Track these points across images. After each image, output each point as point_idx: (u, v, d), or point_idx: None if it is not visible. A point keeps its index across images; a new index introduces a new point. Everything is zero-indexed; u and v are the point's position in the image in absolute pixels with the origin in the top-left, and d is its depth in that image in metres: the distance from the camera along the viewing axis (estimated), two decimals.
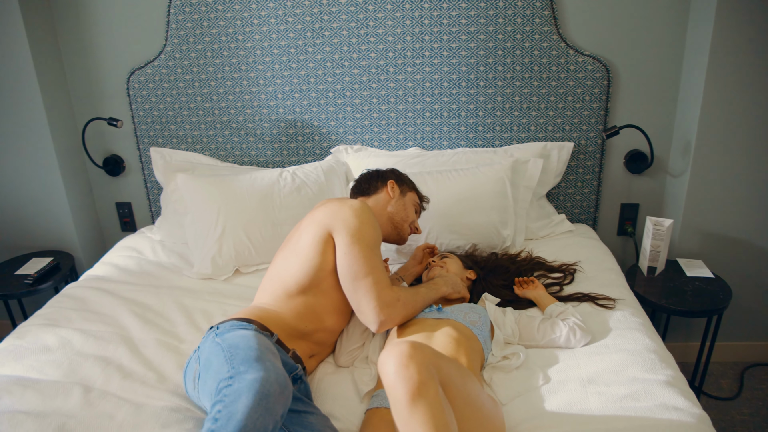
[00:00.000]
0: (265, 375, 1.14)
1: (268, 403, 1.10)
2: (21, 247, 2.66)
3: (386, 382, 1.16)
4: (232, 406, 1.08)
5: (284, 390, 1.14)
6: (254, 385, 1.11)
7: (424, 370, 1.15)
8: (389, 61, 2.34)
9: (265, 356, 1.22)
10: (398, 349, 1.18)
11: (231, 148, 2.57)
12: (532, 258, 2.13)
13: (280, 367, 1.21)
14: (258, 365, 1.17)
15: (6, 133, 2.45)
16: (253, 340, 1.29)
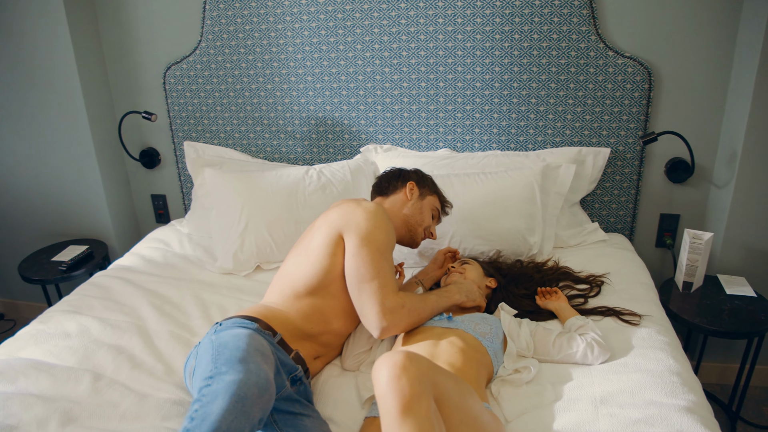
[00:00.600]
0: (244, 377, 1.12)
1: (244, 406, 1.08)
2: (60, 235, 2.77)
3: (377, 392, 1.12)
4: (208, 406, 1.07)
5: (263, 393, 1.13)
6: (231, 387, 1.10)
7: (417, 383, 1.11)
8: (420, 59, 2.29)
9: (250, 358, 1.21)
10: (393, 359, 1.14)
11: (262, 145, 2.59)
12: (558, 267, 2.04)
13: (266, 369, 1.19)
14: (240, 366, 1.16)
15: (48, 124, 2.55)
16: (244, 341, 1.28)
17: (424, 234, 1.86)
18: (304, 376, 1.49)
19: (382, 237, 1.59)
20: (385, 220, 1.63)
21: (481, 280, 1.86)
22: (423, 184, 1.89)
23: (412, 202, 1.83)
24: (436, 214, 1.89)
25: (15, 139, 2.62)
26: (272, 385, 1.17)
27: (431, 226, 1.87)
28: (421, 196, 1.85)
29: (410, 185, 1.85)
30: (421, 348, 1.50)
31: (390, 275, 1.56)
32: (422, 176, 1.92)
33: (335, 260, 1.59)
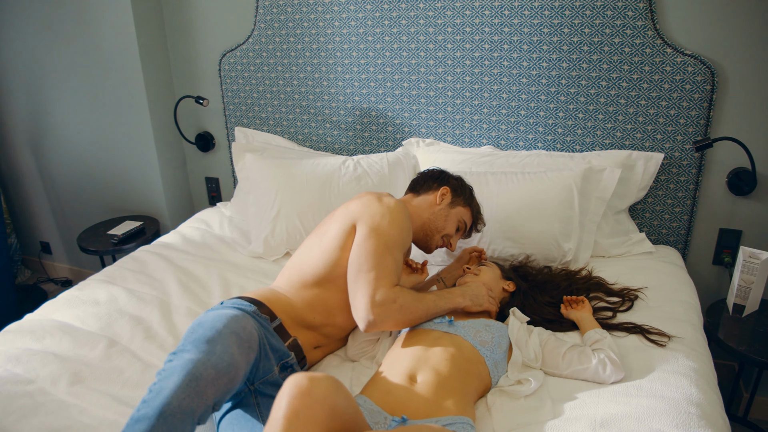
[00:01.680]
0: (203, 357, 1.13)
1: (198, 386, 1.09)
2: (119, 210, 2.94)
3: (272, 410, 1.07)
4: (164, 382, 1.09)
5: (222, 376, 1.13)
6: (188, 366, 1.11)
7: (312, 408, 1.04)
8: (466, 53, 2.22)
9: (221, 339, 1.21)
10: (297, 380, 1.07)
11: (308, 133, 2.62)
12: (590, 277, 1.92)
13: (234, 353, 1.19)
14: (204, 347, 1.17)
15: (113, 106, 2.71)
16: (222, 322, 1.29)
17: (441, 242, 1.79)
18: (297, 364, 1.49)
19: (393, 233, 1.55)
20: (401, 218, 1.59)
21: (496, 283, 1.76)
22: (458, 194, 1.81)
23: (439, 208, 1.77)
24: (463, 227, 1.81)
25: (87, 118, 2.81)
26: (236, 369, 1.17)
27: (453, 237, 1.80)
28: (452, 204, 1.78)
29: (443, 190, 1.78)
30: (411, 352, 1.45)
31: (391, 271, 1.51)
32: (461, 185, 1.84)
33: (345, 254, 1.58)
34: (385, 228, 1.55)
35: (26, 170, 3.07)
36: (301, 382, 1.04)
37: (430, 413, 1.28)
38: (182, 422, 1.05)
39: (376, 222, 1.56)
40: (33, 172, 3.06)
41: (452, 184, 1.83)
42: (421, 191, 1.82)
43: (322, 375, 1.08)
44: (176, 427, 1.05)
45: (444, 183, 1.83)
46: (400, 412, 1.29)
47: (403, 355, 1.46)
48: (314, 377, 1.06)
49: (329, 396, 1.06)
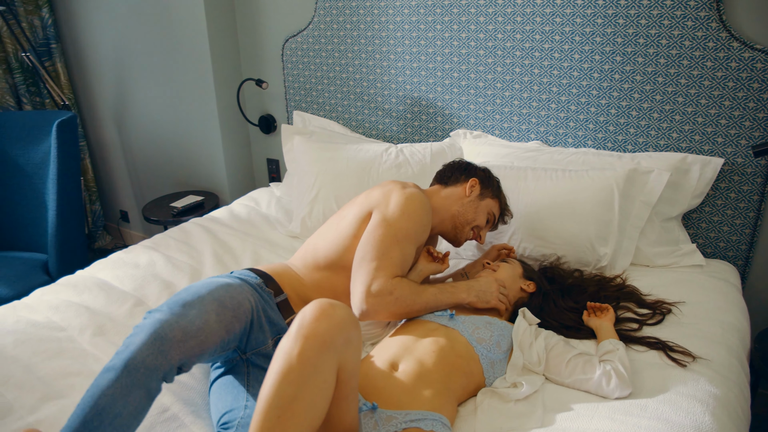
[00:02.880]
0: (171, 319, 1.18)
1: (163, 346, 1.14)
2: (185, 184, 3.13)
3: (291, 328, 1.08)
4: (133, 338, 1.15)
5: (189, 339, 1.17)
6: (155, 325, 1.16)
7: (341, 330, 1.07)
8: (516, 43, 2.14)
9: (200, 304, 1.25)
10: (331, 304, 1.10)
11: (361, 120, 2.64)
12: (623, 285, 1.79)
13: (210, 320, 1.23)
14: (178, 309, 1.21)
15: (184, 85, 2.88)
16: (209, 288, 1.33)
17: (471, 234, 1.75)
18: None
19: (405, 225, 1.53)
20: (419, 211, 1.57)
21: (514, 281, 1.69)
22: (487, 185, 1.77)
23: (468, 200, 1.73)
24: (492, 219, 1.77)
25: (162, 96, 3.00)
26: (207, 335, 1.20)
27: (483, 229, 1.76)
28: (481, 196, 1.74)
29: (473, 182, 1.74)
30: (400, 341, 1.43)
31: (394, 263, 1.49)
32: (488, 176, 1.80)
33: (357, 242, 1.58)
34: (397, 219, 1.54)
35: (111, 143, 3.35)
36: (323, 305, 1.08)
37: (403, 404, 1.26)
38: (145, 377, 1.11)
39: (390, 212, 1.55)
40: (116, 144, 3.33)
41: (480, 176, 1.78)
42: (449, 183, 1.79)
43: (342, 305, 1.11)
44: (140, 381, 1.10)
45: (471, 174, 1.78)
46: (373, 398, 1.28)
47: (392, 343, 1.45)
48: (335, 304, 1.10)
49: (348, 325, 1.09)
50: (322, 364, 1.02)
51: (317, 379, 1.01)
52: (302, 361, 1.01)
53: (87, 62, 3.20)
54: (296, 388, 0.99)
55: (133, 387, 1.09)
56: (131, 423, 1.10)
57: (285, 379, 1.00)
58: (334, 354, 1.04)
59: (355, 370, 1.13)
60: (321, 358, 1.02)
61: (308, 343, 1.02)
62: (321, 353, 1.02)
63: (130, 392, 1.09)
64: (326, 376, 1.02)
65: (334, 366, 1.04)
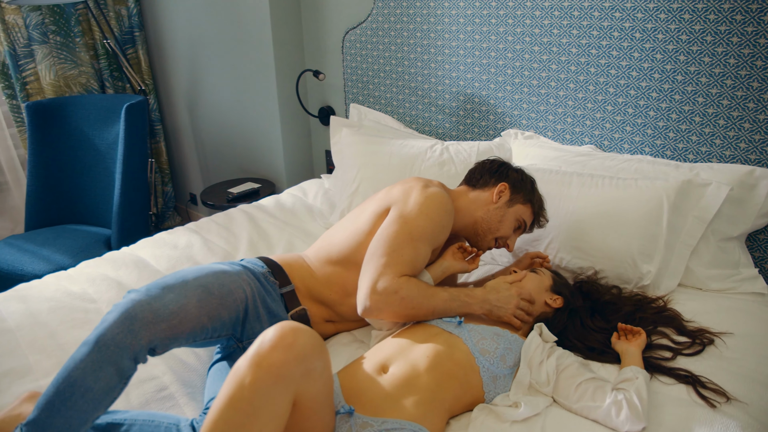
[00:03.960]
0: (143, 299, 1.19)
1: (132, 325, 1.15)
2: (246, 171, 3.21)
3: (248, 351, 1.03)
4: (109, 315, 1.18)
5: (159, 321, 1.17)
6: (128, 305, 1.18)
7: (293, 362, 0.99)
8: (572, 39, 2.00)
9: (181, 288, 1.26)
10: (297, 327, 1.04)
11: (415, 115, 2.58)
12: (664, 308, 1.62)
13: (189, 304, 1.23)
14: (155, 291, 1.22)
15: (248, 75, 2.95)
16: (197, 273, 1.34)
17: (495, 243, 1.64)
18: None
19: (423, 224, 1.47)
20: (438, 211, 1.50)
21: (539, 294, 1.57)
22: (518, 190, 1.65)
23: (495, 207, 1.62)
24: (522, 226, 1.65)
25: (228, 84, 3.10)
26: (182, 320, 1.21)
27: (510, 238, 1.64)
28: (510, 203, 1.63)
29: (501, 187, 1.63)
30: (397, 342, 1.38)
31: (405, 261, 1.42)
32: (521, 179, 1.67)
33: (371, 239, 1.54)
34: (414, 217, 1.47)
35: (183, 127, 3.51)
36: (285, 331, 1.00)
37: (381, 411, 1.20)
38: (116, 354, 1.13)
39: (408, 209, 1.49)
40: (188, 129, 3.48)
41: (512, 179, 1.67)
42: (477, 185, 1.69)
43: (308, 330, 1.04)
44: (110, 358, 1.13)
45: (502, 178, 1.67)
46: (354, 401, 1.23)
47: (388, 344, 1.39)
48: (299, 330, 1.02)
49: (310, 356, 1.01)
50: (275, 396, 0.96)
51: (268, 411, 0.96)
52: (254, 391, 0.95)
53: (165, 50, 3.37)
54: (244, 417, 0.95)
55: (103, 363, 1.12)
56: (103, 398, 1.13)
57: (234, 406, 0.95)
58: (290, 386, 0.98)
59: (324, 399, 1.07)
60: (274, 390, 0.96)
61: (261, 373, 0.96)
62: (275, 384, 0.96)
63: (101, 368, 1.12)
64: (278, 408, 0.97)
65: (288, 398, 0.98)
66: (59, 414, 1.11)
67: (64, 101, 2.84)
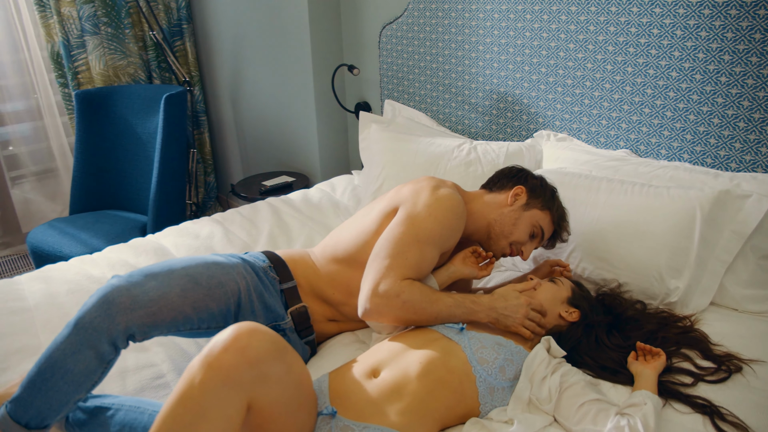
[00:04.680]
0: (123, 285, 1.19)
1: (110, 309, 1.15)
2: (282, 164, 3.23)
3: (215, 337, 1.01)
4: (90, 299, 1.18)
5: (137, 308, 1.17)
6: (106, 290, 1.18)
7: (246, 370, 0.96)
8: (609, 37, 1.88)
9: (165, 277, 1.25)
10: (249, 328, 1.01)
11: (448, 114, 2.51)
12: (690, 329, 1.50)
13: (172, 294, 1.23)
14: (137, 278, 1.22)
15: (285, 69, 2.96)
16: (187, 264, 1.33)
17: (510, 249, 1.56)
18: (293, 330, 1.47)
19: (431, 227, 1.41)
20: (448, 214, 1.44)
21: (553, 305, 1.48)
22: (536, 195, 1.56)
23: (509, 209, 1.54)
24: (539, 233, 1.56)
25: (267, 78, 3.12)
26: (162, 307, 1.21)
27: (525, 245, 1.55)
28: (526, 207, 1.54)
29: (517, 190, 1.56)
30: (391, 346, 1.33)
31: (409, 264, 1.37)
32: (541, 186, 1.59)
33: (377, 238, 1.50)
34: (422, 219, 1.42)
35: (226, 119, 3.56)
36: (241, 333, 0.98)
37: (364, 416, 1.16)
38: (93, 338, 1.14)
39: (416, 210, 1.44)
40: (231, 121, 3.53)
41: (530, 184, 1.59)
42: (494, 188, 1.62)
43: (266, 334, 1.01)
44: (88, 341, 1.14)
45: (519, 181, 1.60)
46: (339, 403, 1.20)
47: (384, 347, 1.35)
48: (257, 332, 1.00)
49: (265, 360, 0.98)
50: (224, 398, 0.94)
51: (217, 413, 0.93)
52: (203, 391, 0.93)
53: (211, 42, 3.43)
54: (193, 416, 0.93)
55: (82, 346, 1.13)
56: (82, 381, 1.14)
57: (183, 404, 0.93)
58: (241, 390, 0.95)
59: (288, 403, 1.03)
60: (223, 392, 0.94)
61: (211, 374, 0.94)
62: (223, 387, 0.94)
63: (80, 351, 1.13)
64: (228, 411, 0.94)
65: (239, 402, 0.95)
66: (40, 393, 1.13)
67: (111, 90, 2.93)
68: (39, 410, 1.13)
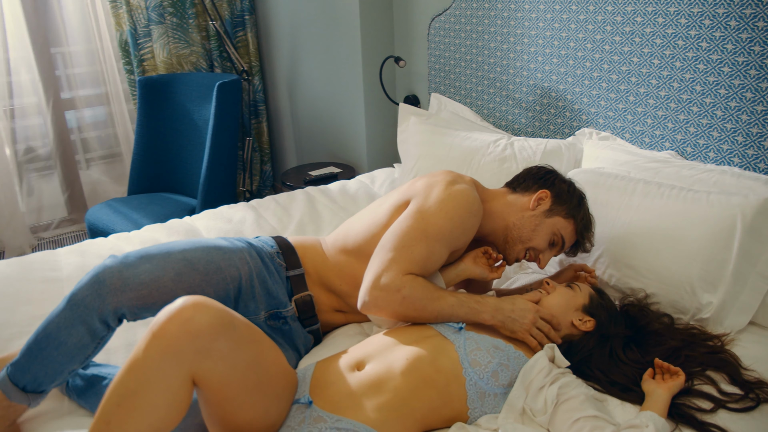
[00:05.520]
0: (115, 266, 1.21)
1: (101, 289, 1.18)
2: (332, 155, 3.25)
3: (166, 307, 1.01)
4: (84, 276, 1.22)
5: (128, 290, 1.19)
6: (99, 269, 1.21)
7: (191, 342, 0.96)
8: (657, 29, 1.74)
9: (160, 260, 1.26)
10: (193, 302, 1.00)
11: (492, 109, 2.43)
12: (719, 349, 1.36)
13: (164, 277, 1.24)
14: (131, 259, 1.24)
15: (337, 60, 2.97)
16: (186, 246, 1.33)
17: (525, 254, 1.48)
18: (295, 318, 1.46)
19: (441, 223, 1.36)
20: (460, 211, 1.39)
21: (565, 312, 1.38)
22: (561, 201, 1.48)
23: (531, 214, 1.47)
24: (559, 242, 1.47)
25: (321, 68, 3.14)
26: (153, 290, 1.22)
27: (543, 253, 1.47)
28: (549, 213, 1.46)
29: (542, 194, 1.48)
30: (383, 340, 1.29)
31: (414, 259, 1.33)
32: (568, 192, 1.50)
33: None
34: (432, 214, 1.37)
35: (283, 109, 3.63)
36: (186, 305, 0.99)
37: (339, 409, 1.13)
38: (85, 314, 1.17)
39: (427, 205, 1.39)
40: (287, 111, 3.59)
41: (557, 189, 1.50)
42: (517, 189, 1.54)
43: (215, 308, 1.00)
44: (80, 317, 1.17)
45: (545, 185, 1.51)
46: (317, 393, 1.18)
47: (374, 340, 1.31)
48: (202, 307, 0.99)
49: (208, 334, 0.98)
50: (165, 368, 0.94)
51: (160, 383, 0.94)
52: (146, 358, 0.94)
53: (271, 34, 3.50)
54: (138, 383, 0.94)
55: (74, 321, 1.17)
56: (75, 353, 1.18)
57: (130, 370, 0.95)
58: (182, 362, 0.95)
59: (243, 384, 1.02)
60: (164, 363, 0.94)
61: (154, 342, 0.95)
62: (164, 357, 0.94)
63: (73, 325, 1.17)
64: (170, 382, 0.94)
65: (181, 374, 0.95)
66: (36, 361, 1.18)
67: (171, 78, 3.05)
68: (35, 376, 1.18)
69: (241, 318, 1.06)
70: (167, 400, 0.94)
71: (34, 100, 3.12)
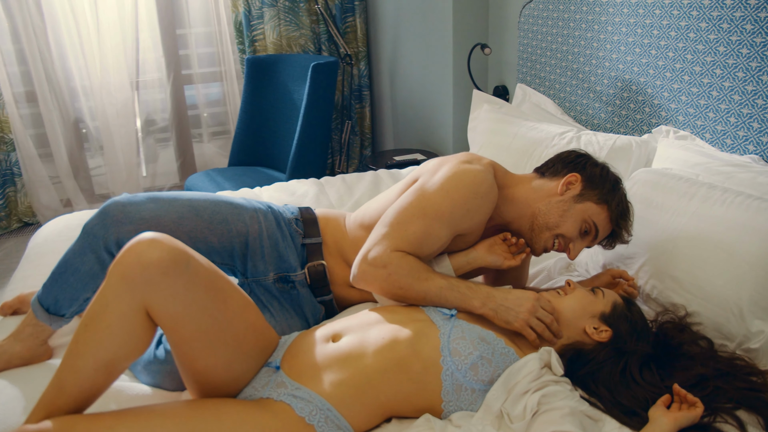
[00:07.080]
0: (122, 201, 1.31)
1: (105, 219, 1.29)
2: (422, 143, 3.24)
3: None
4: (95, 211, 1.34)
5: (126, 223, 1.28)
6: (107, 202, 1.32)
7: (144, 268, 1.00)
8: (748, 12, 1.52)
9: (168, 204, 1.33)
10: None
11: (574, 102, 2.27)
12: (762, 389, 1.16)
13: (167, 219, 1.31)
14: (138, 198, 1.33)
15: (429, 48, 2.94)
16: (198, 197, 1.39)
17: (553, 243, 1.37)
18: (304, 285, 1.48)
19: (441, 202, 1.33)
20: (464, 191, 1.33)
21: (579, 317, 1.26)
22: (593, 185, 1.36)
23: (558, 199, 1.36)
24: (592, 230, 1.35)
25: (417, 55, 3.14)
26: (151, 228, 1.27)
27: (574, 243, 1.36)
28: (579, 198, 1.35)
29: (572, 177, 1.37)
30: (367, 316, 1.27)
31: (407, 238, 1.31)
32: (601, 176, 1.38)
33: None
34: (434, 193, 1.34)
35: (385, 95, 3.67)
36: (143, 239, 1.04)
37: (301, 377, 1.14)
38: (93, 243, 1.29)
39: (431, 183, 1.36)
40: (387, 97, 3.63)
41: (588, 172, 1.38)
42: (546, 174, 1.44)
43: (169, 246, 1.04)
44: (90, 245, 1.29)
45: (575, 168, 1.39)
46: (287, 360, 1.20)
47: (360, 315, 1.31)
48: (158, 243, 1.03)
49: (157, 268, 1.01)
50: (120, 294, 1.01)
51: (115, 307, 1.01)
52: (107, 285, 1.02)
53: (378, 19, 3.55)
54: (100, 307, 1.02)
55: (86, 248, 1.30)
56: (88, 281, 1.30)
57: (97, 297, 1.03)
58: (134, 291, 1.01)
59: (201, 332, 1.06)
60: (120, 289, 1.01)
61: (114, 270, 1.02)
62: (119, 283, 1.01)
63: (84, 253, 1.30)
64: (123, 308, 1.01)
65: (134, 303, 1.01)
66: (57, 284, 1.33)
67: (277, 58, 3.23)
68: (56, 299, 1.33)
69: (206, 264, 1.10)
70: (123, 327, 1.02)
71: (157, 76, 3.45)
